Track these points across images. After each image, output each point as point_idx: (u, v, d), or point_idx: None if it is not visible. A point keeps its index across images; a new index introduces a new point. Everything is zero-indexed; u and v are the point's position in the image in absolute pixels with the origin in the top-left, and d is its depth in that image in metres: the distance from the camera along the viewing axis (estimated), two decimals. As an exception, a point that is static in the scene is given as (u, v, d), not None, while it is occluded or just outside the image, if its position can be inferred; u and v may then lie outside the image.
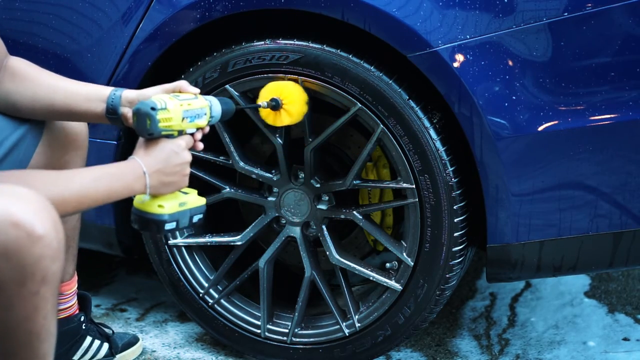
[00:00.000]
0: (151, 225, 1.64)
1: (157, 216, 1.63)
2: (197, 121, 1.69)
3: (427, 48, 1.87)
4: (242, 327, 2.25)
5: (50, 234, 1.33)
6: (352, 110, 2.00)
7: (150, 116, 1.60)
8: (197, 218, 1.70)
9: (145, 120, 1.61)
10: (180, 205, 1.66)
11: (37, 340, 1.39)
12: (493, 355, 2.33)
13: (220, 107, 1.77)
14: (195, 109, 1.69)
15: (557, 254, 1.98)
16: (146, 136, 1.63)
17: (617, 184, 1.90)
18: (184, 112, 1.66)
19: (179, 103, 1.66)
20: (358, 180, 2.08)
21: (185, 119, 1.66)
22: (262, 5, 1.98)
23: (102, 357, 2.21)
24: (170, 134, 1.65)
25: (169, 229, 1.65)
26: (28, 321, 1.36)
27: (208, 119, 1.73)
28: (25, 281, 1.32)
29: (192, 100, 1.70)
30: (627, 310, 2.60)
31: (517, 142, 1.89)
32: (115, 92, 1.75)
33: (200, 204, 1.71)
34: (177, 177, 1.66)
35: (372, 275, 2.11)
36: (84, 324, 2.17)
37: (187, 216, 1.67)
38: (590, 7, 1.82)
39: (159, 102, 1.63)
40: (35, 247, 1.31)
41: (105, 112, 1.75)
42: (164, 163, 1.63)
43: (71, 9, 2.16)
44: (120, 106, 1.75)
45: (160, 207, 1.64)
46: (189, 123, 1.68)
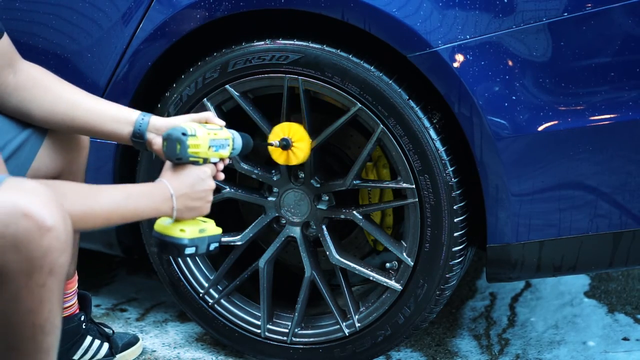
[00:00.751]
0: (172, 248, 1.71)
1: (178, 240, 1.70)
2: (221, 151, 1.77)
3: (427, 48, 1.87)
4: (242, 327, 2.25)
5: (60, 226, 1.34)
6: (352, 110, 2.00)
7: (181, 141, 1.67)
8: (214, 246, 1.76)
9: (176, 145, 1.67)
10: (200, 232, 1.72)
11: (42, 334, 1.39)
12: (493, 355, 2.33)
13: (241, 142, 1.85)
14: (220, 139, 1.77)
15: (557, 254, 1.98)
16: (174, 161, 1.69)
17: (617, 184, 1.90)
18: (210, 141, 1.73)
19: (207, 132, 1.73)
20: (358, 180, 2.08)
21: (211, 147, 1.74)
22: (262, 5, 1.98)
23: (102, 357, 2.21)
24: (196, 161, 1.72)
25: (188, 253, 1.71)
26: (33, 314, 1.36)
27: (230, 150, 1.81)
28: (33, 273, 1.33)
29: (218, 130, 1.77)
30: (627, 310, 2.60)
31: (517, 142, 1.89)
32: (143, 117, 1.81)
33: (218, 233, 1.77)
34: (201, 203, 1.72)
35: (372, 275, 2.11)
36: (84, 324, 2.17)
37: (205, 243, 1.74)
38: (590, 7, 1.82)
39: (189, 129, 1.69)
40: (44, 239, 1.32)
41: (132, 135, 1.80)
42: (190, 188, 1.70)
43: (71, 9, 2.16)
44: (147, 132, 1.80)
45: (182, 231, 1.70)
46: (214, 152, 1.75)
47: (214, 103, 2.11)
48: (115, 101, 2.14)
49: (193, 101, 2.12)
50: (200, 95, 2.11)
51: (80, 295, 2.20)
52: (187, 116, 1.83)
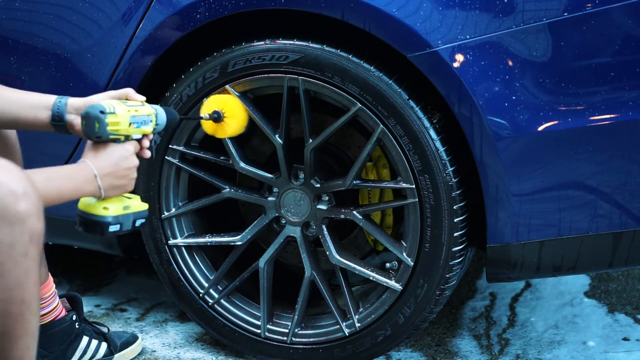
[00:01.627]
0: (96, 226, 1.68)
1: (101, 218, 1.67)
2: (143, 127, 1.74)
3: (427, 48, 1.87)
4: (242, 327, 2.25)
5: (31, 192, 1.36)
6: (352, 110, 2.00)
7: (99, 119, 1.65)
8: (140, 222, 1.75)
9: (95, 123, 1.65)
10: (124, 209, 1.71)
11: (29, 312, 1.40)
12: (493, 355, 2.33)
13: (165, 116, 1.82)
14: (142, 115, 1.74)
15: (557, 254, 1.98)
16: (94, 139, 1.67)
17: (617, 184, 1.90)
18: (131, 118, 1.71)
19: (127, 109, 1.71)
20: (358, 180, 2.08)
21: (132, 124, 1.71)
22: (262, 5, 1.98)
23: (102, 356, 2.21)
24: (117, 139, 1.69)
25: (112, 230, 1.69)
26: (21, 288, 1.37)
27: (153, 126, 1.78)
28: (15, 243, 1.35)
29: (139, 107, 1.75)
30: (627, 310, 2.60)
31: (517, 142, 1.89)
32: (60, 99, 1.78)
33: (143, 209, 1.76)
34: (126, 181, 1.70)
35: (372, 275, 2.11)
36: (77, 323, 2.16)
37: (130, 219, 1.72)
38: (590, 7, 1.82)
39: (107, 106, 1.67)
40: (20, 204, 1.34)
41: (51, 119, 1.77)
42: (114, 167, 1.67)
43: (71, 9, 2.16)
44: (67, 113, 1.77)
45: (105, 209, 1.68)
46: (135, 129, 1.72)
47: (214, 103, 2.11)
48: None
49: (193, 101, 2.12)
50: (200, 95, 2.11)
51: (70, 296, 2.20)
52: (106, 93, 1.79)
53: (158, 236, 2.25)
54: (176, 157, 2.18)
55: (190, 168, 2.20)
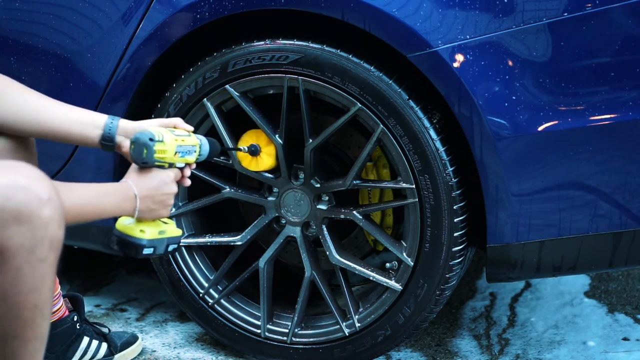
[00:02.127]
0: (130, 248, 1.74)
1: (137, 240, 1.73)
2: (187, 157, 1.79)
3: (427, 48, 1.87)
4: (242, 327, 2.25)
5: (55, 198, 1.38)
6: (352, 110, 2.00)
7: (147, 146, 1.70)
8: (172, 247, 1.80)
9: (143, 149, 1.70)
10: (159, 233, 1.76)
11: (41, 317, 1.41)
12: (493, 355, 2.33)
13: (209, 148, 1.87)
14: (187, 145, 1.79)
15: (557, 254, 1.98)
16: (140, 164, 1.73)
17: (617, 184, 1.90)
18: (177, 147, 1.76)
19: (175, 138, 1.76)
20: (358, 180, 2.08)
21: (177, 153, 1.76)
22: (262, 5, 1.98)
23: (102, 357, 2.21)
24: (161, 165, 1.74)
25: (146, 253, 1.74)
26: (35, 293, 1.38)
27: (197, 157, 1.83)
28: (36, 247, 1.36)
29: (186, 137, 1.80)
30: (627, 310, 2.60)
31: (517, 142, 1.89)
32: (112, 120, 1.81)
33: (177, 235, 1.81)
34: (162, 206, 1.75)
35: (372, 275, 2.11)
36: (78, 324, 2.17)
37: (164, 244, 1.77)
38: (590, 7, 1.82)
39: (157, 134, 1.72)
40: (44, 210, 1.36)
41: (101, 138, 1.80)
42: (153, 190, 1.73)
43: (71, 9, 2.16)
44: (117, 135, 1.81)
45: (142, 232, 1.73)
46: (180, 158, 1.77)
47: (214, 103, 2.11)
48: (115, 101, 2.15)
49: (193, 101, 2.12)
50: (200, 95, 2.11)
51: (71, 296, 2.20)
52: (156, 120, 1.85)
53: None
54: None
55: (190, 168, 2.20)
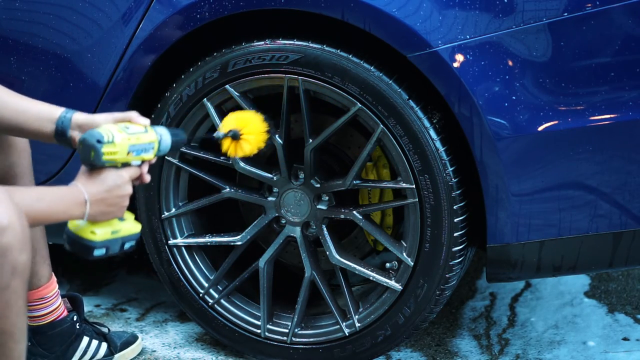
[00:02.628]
0: (82, 249, 1.66)
1: (88, 242, 1.65)
2: (143, 155, 1.69)
3: (427, 48, 1.87)
4: (242, 327, 2.25)
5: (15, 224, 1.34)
6: (352, 110, 2.00)
7: (95, 148, 1.61)
8: (129, 245, 1.71)
9: (90, 151, 1.61)
10: (112, 233, 1.67)
11: (12, 341, 1.39)
12: (493, 355, 2.33)
13: (170, 139, 1.75)
14: (143, 143, 1.69)
15: (557, 254, 1.98)
16: (88, 166, 1.64)
17: (617, 184, 1.90)
18: (130, 147, 1.66)
19: (127, 137, 1.66)
20: (358, 180, 2.08)
21: (131, 152, 1.66)
22: (262, 5, 1.98)
23: (102, 356, 2.21)
24: (114, 165, 1.66)
25: (98, 254, 1.66)
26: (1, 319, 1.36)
27: (155, 152, 1.73)
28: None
29: (142, 134, 1.69)
30: (627, 310, 2.60)
31: (517, 142, 1.89)
32: (65, 114, 1.73)
33: (134, 232, 1.71)
34: (116, 208, 1.66)
35: (372, 275, 2.11)
36: (78, 324, 2.16)
37: (118, 243, 1.69)
38: (590, 7, 1.82)
39: (106, 134, 1.62)
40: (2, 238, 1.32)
41: (54, 133, 1.73)
42: (105, 194, 1.63)
43: (71, 9, 2.16)
44: (70, 129, 1.73)
45: (92, 233, 1.65)
46: (134, 156, 1.68)
47: (214, 103, 2.11)
48: (115, 101, 2.15)
49: (193, 101, 2.12)
50: (200, 95, 2.11)
51: (71, 296, 2.19)
52: (110, 115, 1.74)
53: (158, 236, 2.25)
54: (176, 157, 2.18)
55: (190, 168, 2.20)
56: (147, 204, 2.22)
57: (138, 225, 1.73)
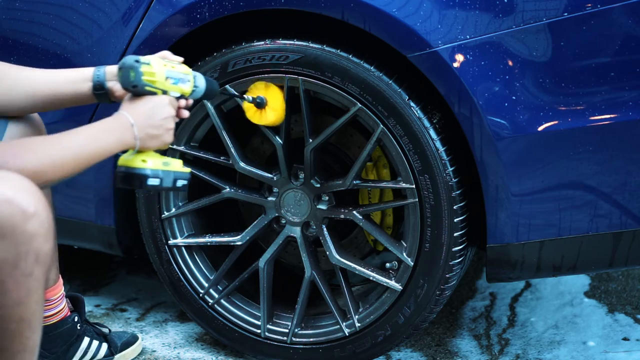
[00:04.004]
0: (134, 179, 1.70)
1: (140, 170, 1.69)
2: (180, 85, 1.76)
3: (427, 48, 1.87)
4: (242, 327, 2.25)
5: (42, 212, 1.36)
6: (352, 110, 2.00)
7: (134, 68, 1.68)
8: (182, 183, 1.75)
9: (129, 72, 1.68)
10: (164, 165, 1.72)
11: (29, 330, 1.39)
12: (493, 355, 2.33)
13: (205, 82, 1.82)
14: (178, 72, 1.76)
15: (557, 254, 1.98)
16: (130, 89, 1.69)
17: (617, 184, 1.91)
18: (167, 72, 1.73)
19: (163, 63, 1.73)
20: (358, 180, 2.08)
21: (168, 79, 1.73)
22: (262, 5, 1.98)
23: (102, 357, 2.21)
24: (153, 92, 1.71)
25: (151, 184, 1.70)
26: (21, 306, 1.37)
27: (192, 87, 1.79)
28: (19, 261, 1.34)
29: (177, 65, 1.77)
30: (627, 310, 2.60)
31: (517, 142, 1.89)
32: (99, 69, 1.80)
33: (185, 171, 1.77)
34: (162, 131, 1.71)
35: (372, 275, 2.11)
36: (79, 325, 2.16)
37: (170, 177, 1.73)
38: (590, 7, 1.82)
39: (143, 58, 1.70)
40: (28, 224, 1.33)
41: (93, 89, 1.79)
42: (149, 116, 1.69)
43: (71, 9, 2.16)
44: (107, 81, 1.80)
45: (143, 161, 1.69)
46: (172, 85, 1.74)
47: (214, 103, 2.11)
48: (115, 101, 2.15)
49: (193, 101, 2.12)
50: (200, 95, 2.11)
51: (72, 297, 2.19)
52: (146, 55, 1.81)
53: (158, 236, 2.25)
54: (176, 157, 2.18)
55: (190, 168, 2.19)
56: (147, 204, 2.22)
57: (188, 169, 1.78)
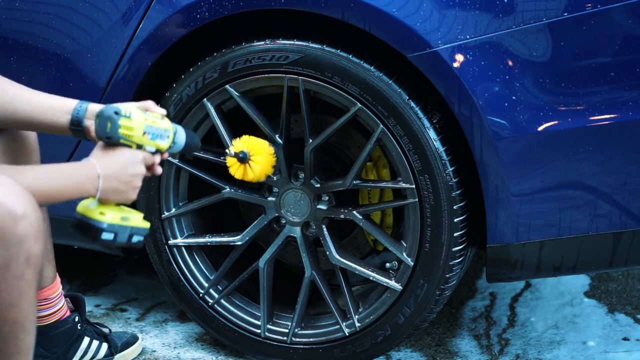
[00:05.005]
0: (89, 230, 1.64)
1: (96, 222, 1.63)
2: (158, 141, 1.70)
3: (427, 48, 1.87)
4: (242, 327, 2.25)
5: (31, 214, 1.36)
6: (352, 110, 2.00)
7: (112, 119, 1.62)
8: (137, 239, 1.69)
9: (107, 122, 1.62)
10: (122, 219, 1.66)
11: (22, 332, 1.39)
12: (493, 355, 2.33)
13: (185, 137, 1.77)
14: (158, 127, 1.70)
15: (557, 254, 1.98)
16: (105, 139, 1.64)
17: (617, 184, 1.90)
18: (146, 127, 1.67)
19: (144, 117, 1.67)
20: (358, 180, 2.08)
21: (146, 134, 1.67)
22: (262, 5, 1.98)
23: (102, 357, 2.21)
24: (128, 145, 1.66)
25: (105, 238, 1.64)
26: (14, 308, 1.37)
27: (170, 143, 1.73)
28: (10, 264, 1.34)
29: (158, 119, 1.71)
30: (627, 310, 2.60)
31: (517, 142, 1.89)
32: (81, 104, 1.76)
33: (143, 226, 1.71)
34: (129, 187, 1.65)
35: (372, 275, 2.11)
36: (79, 324, 2.16)
37: (126, 232, 1.67)
38: (590, 7, 1.82)
39: (124, 109, 1.65)
40: (18, 226, 1.34)
41: (70, 123, 1.75)
42: (119, 169, 1.63)
43: (71, 9, 2.16)
44: (85, 119, 1.75)
45: (101, 214, 1.63)
46: (149, 140, 1.68)
47: (214, 103, 2.11)
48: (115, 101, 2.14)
49: (193, 101, 2.12)
50: (200, 95, 2.11)
51: (73, 296, 2.19)
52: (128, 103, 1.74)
53: (158, 236, 2.25)
54: (176, 157, 2.18)
55: (190, 168, 2.20)
56: (147, 204, 2.22)
57: (147, 223, 1.72)
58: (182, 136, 1.76)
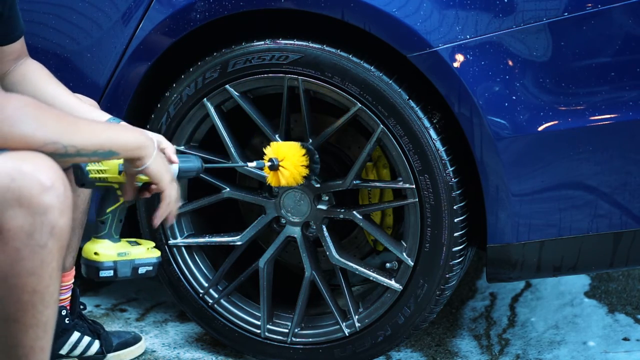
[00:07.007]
0: (91, 270, 1.70)
1: (93, 262, 1.69)
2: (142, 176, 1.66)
3: (427, 48, 1.87)
4: (242, 327, 2.25)
5: (59, 186, 1.38)
6: (352, 110, 2.00)
7: (80, 168, 1.65)
8: (145, 270, 1.72)
9: (77, 171, 1.65)
10: (119, 255, 1.69)
11: (41, 303, 1.40)
12: (493, 355, 2.33)
13: (179, 165, 1.74)
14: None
15: (557, 254, 1.98)
16: (79, 186, 1.67)
17: (617, 184, 1.90)
18: (120, 166, 1.66)
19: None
20: (358, 180, 2.08)
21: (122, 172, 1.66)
22: (262, 5, 1.98)
23: (93, 354, 2.20)
24: (108, 186, 1.67)
25: (104, 276, 1.69)
26: (35, 277, 1.38)
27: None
28: (34, 232, 1.36)
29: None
30: (627, 310, 2.60)
31: (517, 142, 1.89)
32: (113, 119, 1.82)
33: (149, 257, 1.72)
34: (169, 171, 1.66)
35: (372, 275, 2.11)
36: (67, 319, 2.15)
37: (128, 266, 1.70)
38: (590, 7, 1.82)
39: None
40: (45, 196, 1.36)
41: None
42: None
43: (71, 9, 2.16)
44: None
45: (96, 254, 1.69)
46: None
47: (214, 103, 2.11)
48: (115, 101, 2.15)
49: (193, 101, 2.12)
50: (200, 95, 2.11)
51: None
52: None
53: (158, 236, 2.25)
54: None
55: (190, 168, 2.20)
56: (147, 204, 2.22)
57: (155, 252, 1.74)
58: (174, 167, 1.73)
